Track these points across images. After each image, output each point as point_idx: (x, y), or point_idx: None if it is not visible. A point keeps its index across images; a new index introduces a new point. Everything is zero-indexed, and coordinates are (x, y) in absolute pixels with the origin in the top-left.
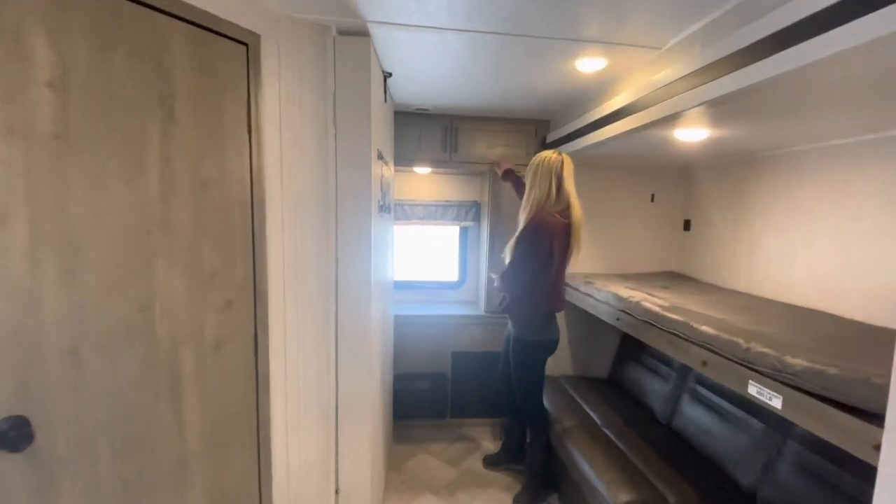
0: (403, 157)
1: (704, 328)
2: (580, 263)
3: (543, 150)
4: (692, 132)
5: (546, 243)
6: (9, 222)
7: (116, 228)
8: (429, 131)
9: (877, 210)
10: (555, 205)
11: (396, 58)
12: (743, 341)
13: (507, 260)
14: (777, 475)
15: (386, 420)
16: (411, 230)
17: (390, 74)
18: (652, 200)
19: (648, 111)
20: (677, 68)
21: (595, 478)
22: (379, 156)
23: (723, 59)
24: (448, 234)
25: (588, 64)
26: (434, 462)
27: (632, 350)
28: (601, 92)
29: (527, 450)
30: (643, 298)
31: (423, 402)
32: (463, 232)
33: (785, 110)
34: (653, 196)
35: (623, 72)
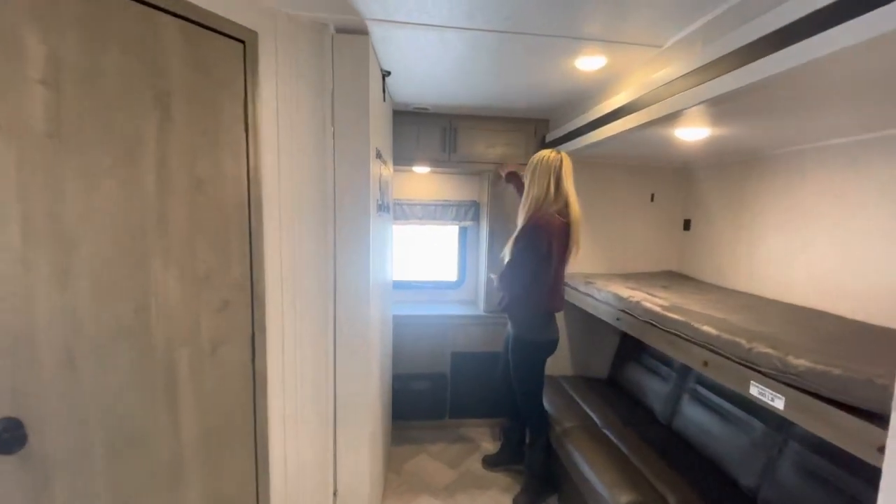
0: (402, 157)
1: (706, 328)
2: (580, 263)
3: (543, 150)
4: (692, 131)
5: (545, 242)
6: (1, 222)
7: (111, 228)
8: (427, 131)
9: (877, 209)
10: (553, 204)
11: (395, 56)
12: (745, 341)
13: (506, 259)
14: (778, 476)
15: (385, 421)
16: (410, 230)
17: (389, 73)
18: (652, 200)
19: (649, 110)
20: (678, 66)
21: (595, 479)
22: (377, 155)
23: (723, 58)
24: (447, 234)
25: (588, 62)
26: (433, 463)
27: (631, 350)
28: (601, 91)
29: (526, 451)
30: (643, 298)
31: (423, 403)
32: (462, 232)
33: (785, 109)
34: (653, 196)
35: (623, 70)
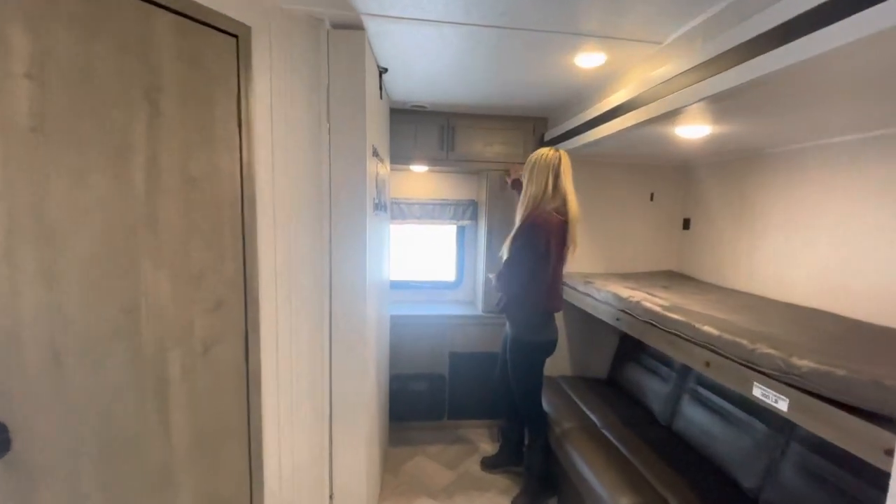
0: (400, 156)
1: (707, 328)
2: (579, 263)
3: (541, 148)
4: (692, 129)
5: (543, 240)
6: None
7: (100, 225)
8: (425, 129)
9: (878, 208)
10: (551, 202)
11: (392, 52)
12: (747, 342)
13: (504, 258)
14: (780, 477)
15: (382, 422)
16: (408, 229)
17: (386, 70)
18: (651, 199)
19: (648, 107)
20: (678, 63)
21: (595, 480)
22: (374, 152)
23: (724, 54)
24: (445, 234)
25: (587, 59)
26: (431, 464)
27: (631, 350)
28: (600, 88)
29: (525, 452)
30: (643, 298)
31: (420, 404)
32: (460, 231)
33: (786, 106)
34: (652, 195)
35: (622, 67)
